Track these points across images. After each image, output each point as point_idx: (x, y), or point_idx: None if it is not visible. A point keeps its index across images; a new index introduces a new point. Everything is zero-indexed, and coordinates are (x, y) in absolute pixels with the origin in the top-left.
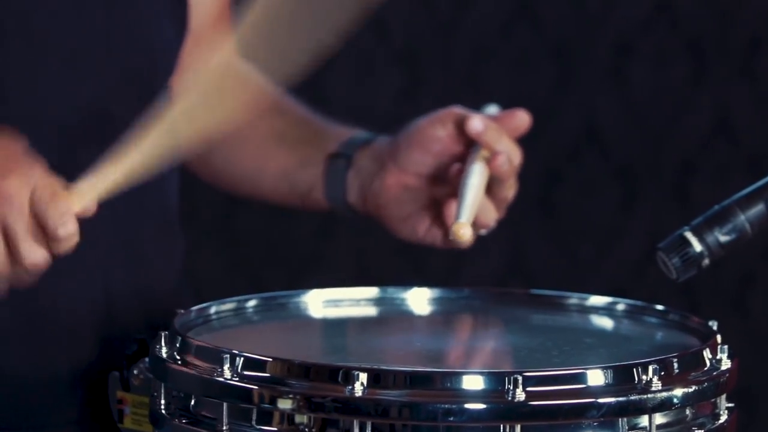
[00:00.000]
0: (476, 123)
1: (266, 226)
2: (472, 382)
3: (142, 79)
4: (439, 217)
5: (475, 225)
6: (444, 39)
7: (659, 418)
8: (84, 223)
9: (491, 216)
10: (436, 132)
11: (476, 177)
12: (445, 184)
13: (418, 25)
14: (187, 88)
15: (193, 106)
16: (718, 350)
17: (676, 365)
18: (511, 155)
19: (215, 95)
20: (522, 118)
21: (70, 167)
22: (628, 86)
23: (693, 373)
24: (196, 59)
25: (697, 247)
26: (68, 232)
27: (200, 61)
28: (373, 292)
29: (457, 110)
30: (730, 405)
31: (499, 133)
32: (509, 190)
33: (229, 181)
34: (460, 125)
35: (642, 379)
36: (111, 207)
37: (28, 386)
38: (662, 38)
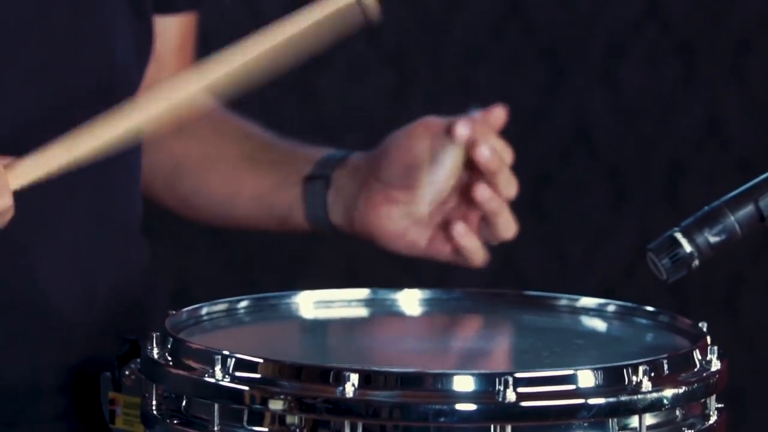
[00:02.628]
0: (462, 129)
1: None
2: (463, 383)
3: (103, 93)
4: (442, 231)
5: (493, 237)
6: (435, 40)
7: (649, 419)
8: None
9: (510, 228)
10: (414, 146)
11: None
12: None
13: (409, 26)
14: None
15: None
16: (708, 351)
17: (666, 366)
18: (500, 150)
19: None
20: (497, 114)
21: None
22: (618, 88)
23: (683, 374)
24: (158, 86)
25: (687, 248)
26: (1, 206)
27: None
28: (364, 293)
29: (433, 121)
30: (720, 406)
31: (485, 131)
32: (508, 187)
33: (200, 209)
34: (438, 135)
35: (632, 380)
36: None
37: (17, 383)
38: (653, 40)
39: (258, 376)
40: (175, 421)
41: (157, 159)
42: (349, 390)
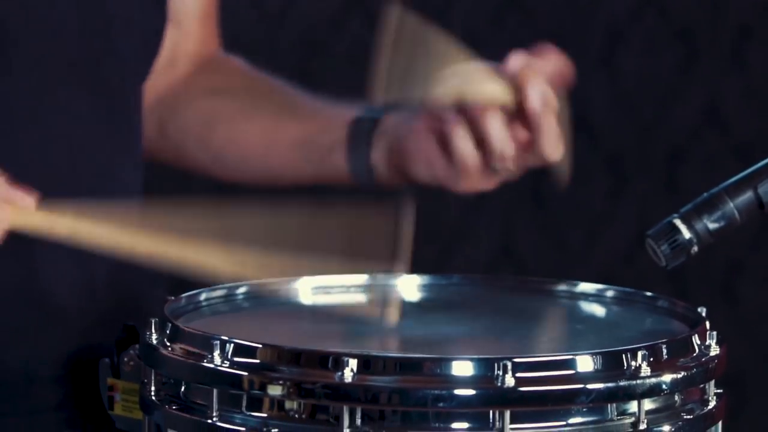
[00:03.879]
0: (514, 62)
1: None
2: (462, 368)
3: (109, 86)
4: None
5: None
6: (435, 26)
7: (648, 404)
8: None
9: (508, 148)
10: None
11: None
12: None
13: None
14: None
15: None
16: (707, 336)
17: (665, 351)
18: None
19: None
20: (554, 55)
21: (33, 166)
22: (617, 75)
23: (682, 359)
24: (180, 58)
25: (686, 234)
26: None
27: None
28: (362, 278)
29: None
30: (719, 391)
31: (533, 71)
32: (551, 145)
33: (233, 163)
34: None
35: (631, 365)
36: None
37: (16, 372)
38: (652, 27)
39: (257, 361)
40: (174, 407)
41: (188, 117)
42: (348, 375)
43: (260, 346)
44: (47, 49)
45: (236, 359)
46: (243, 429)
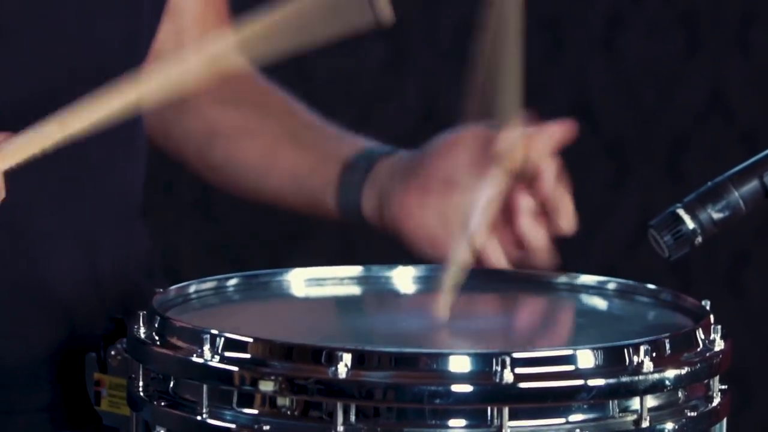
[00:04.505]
0: (506, 141)
1: (247, 203)
2: (459, 364)
3: (109, 76)
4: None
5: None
6: (429, 10)
7: (651, 401)
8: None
9: (543, 243)
10: (457, 155)
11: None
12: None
13: None
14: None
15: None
16: (712, 330)
17: (668, 346)
18: (545, 166)
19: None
20: (564, 130)
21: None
22: (619, 60)
23: (685, 354)
24: (186, 47)
25: (690, 224)
26: None
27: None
28: (356, 270)
29: (478, 129)
30: (724, 387)
31: (535, 144)
32: (566, 217)
33: (231, 179)
34: (484, 145)
35: (633, 361)
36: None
37: (15, 369)
38: (655, 10)
39: (248, 356)
40: (163, 403)
41: (192, 124)
42: (342, 370)
43: (251, 340)
44: (45, 42)
45: (227, 354)
46: (234, 426)
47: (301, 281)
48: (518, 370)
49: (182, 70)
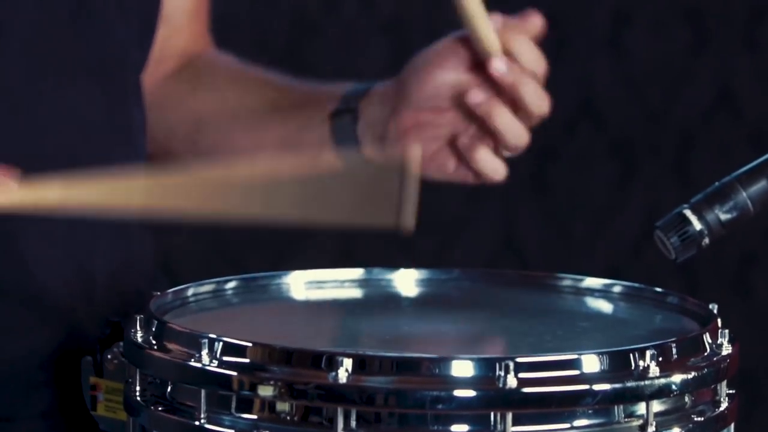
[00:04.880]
0: (499, 64)
1: None
2: (462, 368)
3: (105, 75)
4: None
5: (504, 149)
6: (432, 8)
7: (657, 406)
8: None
9: (522, 137)
10: (441, 72)
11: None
12: (466, 116)
13: None
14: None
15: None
16: (719, 334)
17: (674, 350)
18: (533, 60)
19: None
20: (533, 22)
21: (27, 157)
22: (625, 57)
23: (692, 359)
24: (169, 55)
25: (697, 225)
26: None
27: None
28: (358, 273)
29: (461, 48)
30: (731, 391)
31: (517, 37)
32: (536, 103)
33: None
34: (470, 57)
35: (639, 365)
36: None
37: (12, 375)
38: (661, 6)
39: (247, 360)
40: (160, 408)
41: (176, 117)
42: (343, 375)
43: (250, 344)
44: (41, 37)
45: (225, 358)
46: (232, 431)
47: (301, 284)
48: (522, 375)
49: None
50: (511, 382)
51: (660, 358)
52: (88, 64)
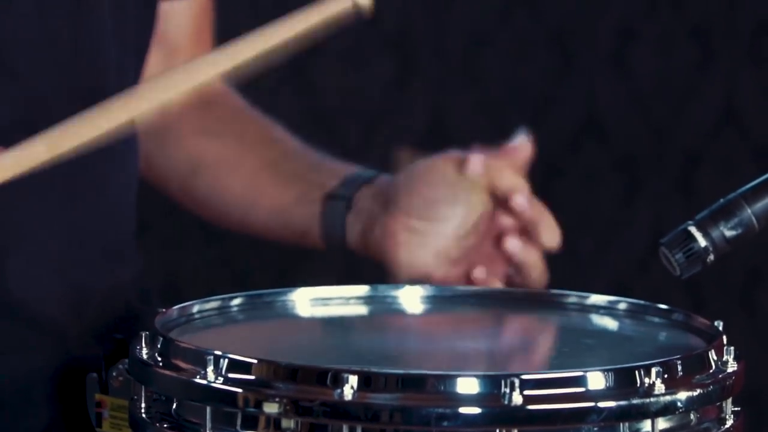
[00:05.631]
0: (475, 165)
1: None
2: (467, 385)
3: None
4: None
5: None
6: (437, 24)
7: (662, 423)
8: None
9: (542, 275)
10: (435, 179)
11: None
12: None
13: (411, 9)
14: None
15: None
16: (724, 352)
17: (680, 367)
18: (515, 188)
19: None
20: (522, 147)
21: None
22: (630, 73)
23: (698, 376)
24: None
25: (702, 242)
26: None
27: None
28: (363, 290)
29: (454, 155)
30: (737, 409)
31: (499, 169)
32: (549, 237)
33: (217, 212)
34: (458, 169)
35: (644, 382)
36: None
37: (6, 392)
38: (666, 23)
39: (252, 377)
40: (165, 425)
41: (175, 158)
42: (348, 392)
43: (256, 361)
44: (38, 61)
45: (230, 375)
46: None
47: (307, 301)
48: (527, 392)
49: (167, 90)
50: (517, 399)
51: (665, 375)
52: (83, 89)
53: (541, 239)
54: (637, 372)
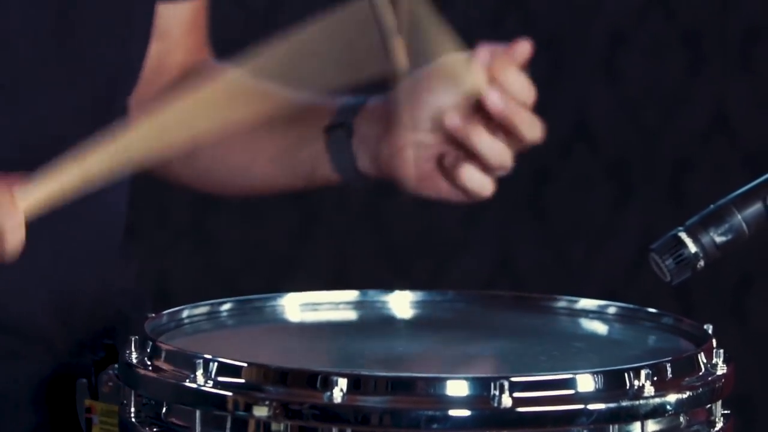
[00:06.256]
0: (483, 55)
1: (242, 227)
2: (457, 388)
3: (99, 96)
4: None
5: (489, 168)
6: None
7: (652, 425)
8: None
9: (504, 156)
10: (435, 98)
11: None
12: (447, 138)
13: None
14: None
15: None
16: (714, 354)
17: (669, 370)
18: (521, 88)
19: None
20: (521, 49)
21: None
22: (621, 79)
23: (687, 379)
24: (168, 68)
25: (692, 248)
26: (18, 242)
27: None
28: (353, 295)
29: (453, 57)
30: (726, 412)
31: (503, 63)
32: (529, 130)
33: (219, 181)
34: (454, 75)
35: (634, 385)
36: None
37: None
38: (657, 29)
39: (242, 381)
40: (155, 429)
41: None
42: (338, 395)
43: (245, 365)
44: (29, 60)
45: (220, 379)
46: None
47: (296, 306)
48: (517, 395)
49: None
50: (506, 401)
51: (655, 378)
52: (77, 88)
53: (523, 132)
54: (626, 374)
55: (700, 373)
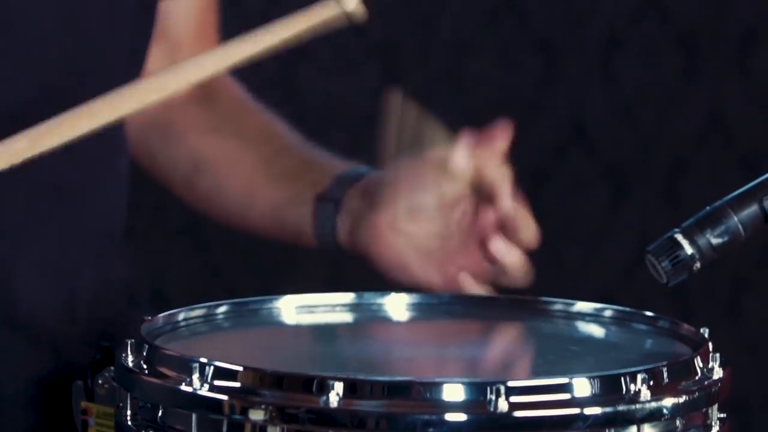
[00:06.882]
0: (459, 160)
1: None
2: (453, 392)
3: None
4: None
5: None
6: (423, 31)
7: (648, 430)
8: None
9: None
10: (420, 179)
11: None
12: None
13: (397, 16)
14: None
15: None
16: (710, 358)
17: (665, 374)
18: (501, 179)
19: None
20: (502, 133)
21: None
22: (616, 82)
23: (683, 383)
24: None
25: (688, 250)
26: None
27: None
28: (349, 297)
29: (437, 155)
30: (722, 415)
31: (485, 159)
32: (532, 237)
33: (218, 209)
34: (443, 168)
35: (630, 389)
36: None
37: None
38: (653, 31)
39: (238, 384)
40: None
41: (177, 155)
42: (334, 399)
43: (241, 368)
44: (27, 63)
45: (216, 383)
46: None
47: (292, 308)
48: (513, 399)
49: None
50: (502, 406)
51: (651, 382)
52: (75, 92)
53: (520, 237)
54: (622, 379)
55: (697, 377)
